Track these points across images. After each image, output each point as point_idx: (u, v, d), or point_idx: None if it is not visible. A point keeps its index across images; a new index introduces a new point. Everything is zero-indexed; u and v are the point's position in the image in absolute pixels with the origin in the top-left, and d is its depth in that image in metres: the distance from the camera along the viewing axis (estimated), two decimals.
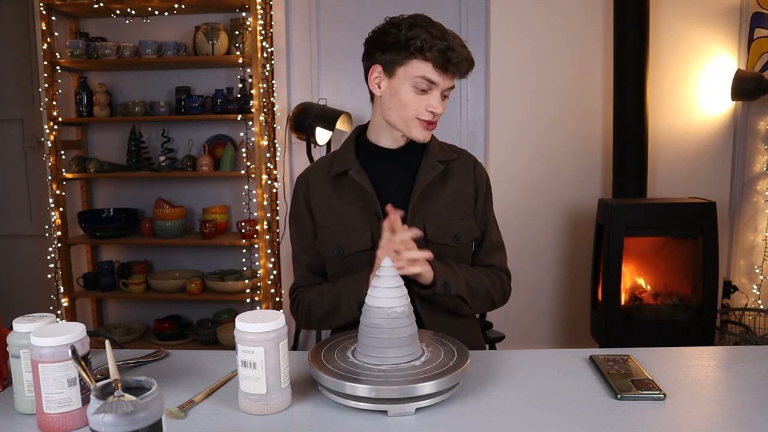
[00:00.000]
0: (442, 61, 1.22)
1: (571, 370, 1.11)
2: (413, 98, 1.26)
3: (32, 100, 3.20)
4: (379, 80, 1.30)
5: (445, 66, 1.23)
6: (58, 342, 0.88)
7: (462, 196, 1.38)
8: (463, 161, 1.41)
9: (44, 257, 3.04)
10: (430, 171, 1.34)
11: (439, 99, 1.26)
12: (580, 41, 2.90)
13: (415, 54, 1.23)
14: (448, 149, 1.42)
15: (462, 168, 1.40)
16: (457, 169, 1.39)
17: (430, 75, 1.23)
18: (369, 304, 1.02)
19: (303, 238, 1.41)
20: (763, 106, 2.83)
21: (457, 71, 1.25)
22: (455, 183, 1.38)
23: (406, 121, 1.29)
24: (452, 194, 1.37)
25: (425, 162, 1.35)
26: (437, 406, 0.97)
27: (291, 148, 3.10)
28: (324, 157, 1.45)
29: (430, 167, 1.34)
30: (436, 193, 1.35)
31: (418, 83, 1.24)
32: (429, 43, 1.21)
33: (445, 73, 1.24)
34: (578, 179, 2.98)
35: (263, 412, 0.95)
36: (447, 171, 1.37)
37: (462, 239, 1.36)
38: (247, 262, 2.89)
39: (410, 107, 1.27)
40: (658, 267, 2.67)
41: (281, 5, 2.99)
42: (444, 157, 1.37)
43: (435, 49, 1.21)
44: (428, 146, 1.37)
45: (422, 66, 1.23)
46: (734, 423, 0.91)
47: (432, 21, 1.26)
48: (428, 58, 1.22)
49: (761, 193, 2.87)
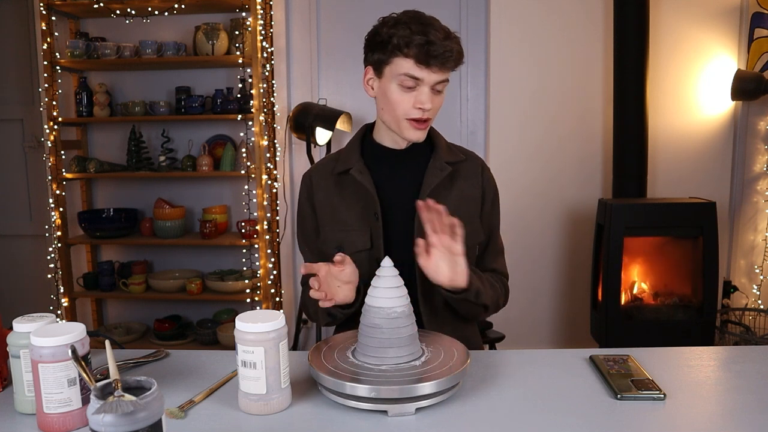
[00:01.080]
0: (422, 55, 1.18)
1: (571, 370, 1.11)
2: (401, 97, 1.24)
3: (32, 100, 3.20)
4: (372, 81, 1.29)
5: (426, 60, 1.19)
6: (58, 342, 0.88)
7: (469, 200, 1.36)
8: (471, 163, 1.39)
9: (44, 257, 3.04)
10: (437, 173, 1.32)
11: (428, 94, 1.23)
12: (580, 41, 2.90)
13: (395, 51, 1.21)
14: (456, 150, 1.39)
15: (470, 170, 1.38)
16: (464, 171, 1.37)
17: (412, 71, 1.21)
18: (369, 304, 1.02)
19: (306, 236, 1.41)
20: (763, 106, 2.83)
21: (440, 64, 1.20)
22: (462, 185, 1.36)
23: (398, 122, 1.27)
24: (459, 197, 1.35)
25: (433, 163, 1.33)
26: (437, 406, 0.97)
27: (291, 148, 3.10)
28: (330, 155, 1.43)
29: (437, 169, 1.32)
30: (443, 195, 1.33)
31: (403, 81, 1.22)
32: (406, 39, 1.19)
33: (427, 67, 1.20)
34: (578, 179, 2.98)
35: (263, 412, 0.95)
36: (454, 173, 1.35)
37: (468, 243, 1.31)
38: (247, 262, 2.89)
39: (399, 107, 1.24)
40: (658, 267, 2.67)
41: (281, 5, 2.99)
42: (452, 159, 1.35)
43: (413, 44, 1.18)
44: (436, 147, 1.35)
45: (404, 63, 1.20)
46: (734, 423, 0.91)
47: (419, 16, 1.22)
48: (409, 54, 1.19)
49: (761, 193, 2.87)
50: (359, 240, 1.32)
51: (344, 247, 1.32)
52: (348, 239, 1.32)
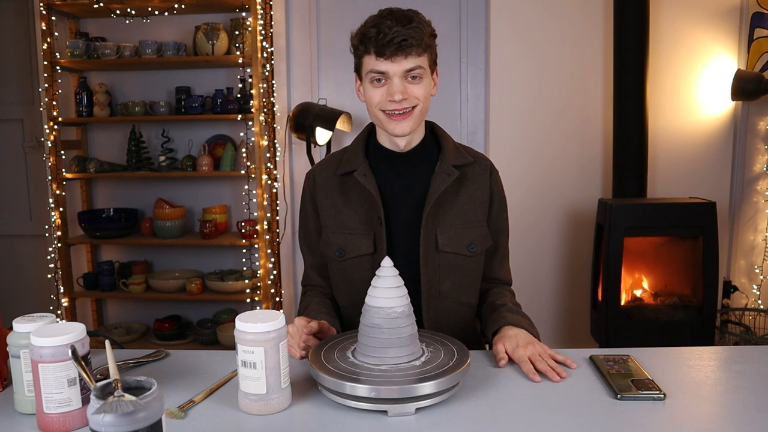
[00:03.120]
0: (376, 47, 1.18)
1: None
2: (374, 92, 1.23)
3: (32, 100, 3.20)
4: (360, 87, 1.29)
5: (380, 50, 1.18)
6: (58, 342, 0.88)
7: (477, 204, 1.32)
8: (479, 166, 1.35)
9: (44, 257, 3.04)
10: (445, 178, 1.28)
11: (399, 85, 1.20)
12: (580, 41, 2.90)
13: (358, 52, 1.23)
14: (463, 152, 1.35)
15: (478, 173, 1.34)
16: (472, 175, 1.33)
17: (374, 65, 1.20)
18: (369, 304, 1.02)
19: (308, 237, 1.40)
20: (763, 106, 2.83)
21: (395, 51, 1.17)
22: (470, 189, 1.32)
23: (378, 118, 1.26)
24: (467, 201, 1.31)
25: (440, 167, 1.29)
26: (437, 406, 0.97)
27: (291, 148, 3.10)
28: (334, 153, 1.41)
29: (444, 173, 1.28)
30: (450, 199, 1.30)
31: (371, 78, 1.22)
32: (361, 37, 1.20)
33: (387, 58, 1.18)
34: (578, 179, 2.98)
35: (263, 412, 0.95)
36: (462, 177, 1.31)
37: (477, 248, 1.31)
38: (247, 262, 2.89)
39: (373, 102, 1.24)
40: (658, 267, 2.67)
41: (281, 5, 2.99)
42: (459, 162, 1.31)
43: (367, 39, 1.19)
44: (443, 149, 1.32)
45: (368, 60, 1.21)
46: (734, 423, 0.91)
47: (382, 11, 1.21)
48: (368, 51, 1.20)
49: (761, 193, 2.87)
50: (362, 244, 1.29)
51: (346, 250, 1.30)
52: (350, 243, 1.30)
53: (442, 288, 1.31)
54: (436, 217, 1.28)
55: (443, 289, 1.31)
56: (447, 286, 1.31)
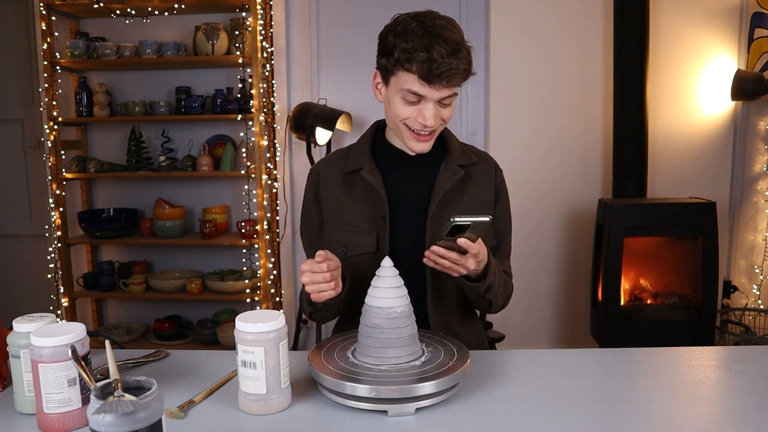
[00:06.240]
0: (424, 73, 1.12)
1: (571, 370, 1.11)
2: (404, 109, 1.19)
3: (32, 100, 3.20)
4: (380, 86, 1.25)
5: (429, 78, 1.13)
6: (58, 342, 0.88)
7: (482, 203, 1.33)
8: (484, 165, 1.36)
9: (44, 257, 3.04)
10: (450, 177, 1.28)
11: (432, 110, 1.18)
12: (580, 41, 2.90)
13: (397, 65, 1.15)
14: (468, 151, 1.35)
15: (483, 173, 1.35)
16: (477, 174, 1.34)
17: (415, 88, 1.15)
18: (369, 304, 1.02)
19: (310, 232, 1.39)
20: (763, 106, 2.83)
21: (444, 82, 1.14)
22: (475, 188, 1.33)
23: (399, 129, 1.23)
24: (471, 200, 1.32)
25: (445, 167, 1.30)
26: (437, 406, 0.97)
27: (291, 148, 3.10)
28: (339, 151, 1.40)
29: (450, 172, 1.29)
30: (455, 198, 1.30)
31: (405, 95, 1.17)
32: (407, 54, 1.12)
33: (431, 84, 1.14)
34: (578, 179, 2.98)
35: (263, 412, 0.95)
36: (467, 176, 1.31)
37: None
38: (247, 262, 2.89)
39: (400, 116, 1.20)
40: (658, 267, 2.67)
41: (281, 5, 2.99)
42: (464, 161, 1.32)
43: (415, 60, 1.12)
44: (448, 149, 1.32)
45: (408, 78, 1.15)
46: (734, 423, 0.91)
47: (429, 24, 1.14)
48: (412, 70, 1.13)
49: (761, 193, 2.87)
50: (365, 242, 1.29)
51: (348, 248, 1.30)
52: (353, 240, 1.30)
53: (446, 287, 1.31)
54: (441, 216, 1.28)
55: (448, 289, 1.31)
56: (451, 286, 1.31)
